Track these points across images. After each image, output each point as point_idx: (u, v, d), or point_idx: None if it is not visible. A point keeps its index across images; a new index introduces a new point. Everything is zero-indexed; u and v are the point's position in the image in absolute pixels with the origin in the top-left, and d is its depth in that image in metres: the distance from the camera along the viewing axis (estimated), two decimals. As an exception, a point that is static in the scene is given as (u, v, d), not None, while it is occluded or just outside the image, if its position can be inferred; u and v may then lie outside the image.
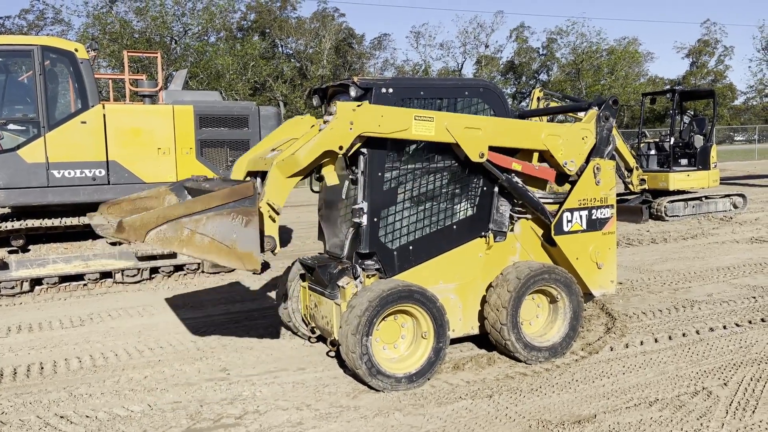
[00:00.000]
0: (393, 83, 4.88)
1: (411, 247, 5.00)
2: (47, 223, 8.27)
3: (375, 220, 4.84)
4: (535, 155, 5.40)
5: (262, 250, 4.31)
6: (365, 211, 4.81)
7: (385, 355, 4.75)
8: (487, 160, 5.04)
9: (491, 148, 5.05)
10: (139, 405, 4.56)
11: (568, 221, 5.38)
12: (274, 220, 4.53)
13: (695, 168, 13.79)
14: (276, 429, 4.10)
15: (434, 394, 4.60)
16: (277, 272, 9.32)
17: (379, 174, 4.83)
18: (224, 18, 55.80)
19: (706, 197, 13.92)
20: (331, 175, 4.77)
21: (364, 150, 4.80)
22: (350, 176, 5.00)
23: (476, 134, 4.96)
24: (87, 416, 4.40)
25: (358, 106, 4.57)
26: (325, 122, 4.72)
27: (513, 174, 5.22)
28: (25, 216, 8.60)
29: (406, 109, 4.75)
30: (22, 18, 52.74)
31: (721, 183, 15.02)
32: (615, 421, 4.09)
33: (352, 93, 4.81)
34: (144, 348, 5.92)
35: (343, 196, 5.15)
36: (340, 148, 4.56)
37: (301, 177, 4.69)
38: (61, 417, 4.39)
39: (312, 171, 4.95)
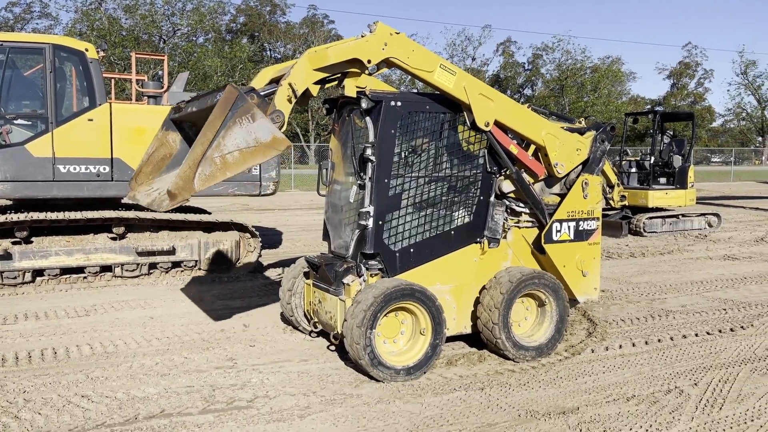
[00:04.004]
0: (401, 97, 5.28)
1: (412, 250, 5.37)
2: (51, 216, 8.49)
3: (380, 223, 5.21)
4: (531, 150, 5.85)
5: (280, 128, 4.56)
6: (371, 214, 5.18)
7: (386, 348, 5.11)
8: (490, 132, 5.46)
9: (497, 125, 5.47)
10: (155, 388, 4.87)
11: (557, 231, 5.81)
12: (290, 101, 4.76)
13: (673, 187, 14.35)
14: (286, 412, 4.44)
15: (430, 385, 4.97)
16: (270, 273, 9.64)
17: (386, 180, 5.21)
18: (214, 19, 55.99)
19: (683, 215, 14.50)
20: (350, 86, 5.17)
21: (372, 157, 5.18)
22: (358, 182, 5.36)
23: (488, 103, 5.39)
24: (106, 396, 4.70)
25: (397, 33, 5.00)
26: (362, 36, 5.04)
27: (520, 169, 5.66)
28: (29, 209, 8.82)
29: (435, 54, 5.21)
30: (9, 11, 52.46)
31: (697, 202, 15.59)
32: (596, 413, 4.49)
33: (364, 105, 5.19)
34: (151, 338, 6.22)
35: (351, 200, 5.51)
36: (369, 62, 4.96)
37: (324, 76, 4.94)
38: (83, 396, 4.69)
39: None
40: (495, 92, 5.49)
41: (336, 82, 5.35)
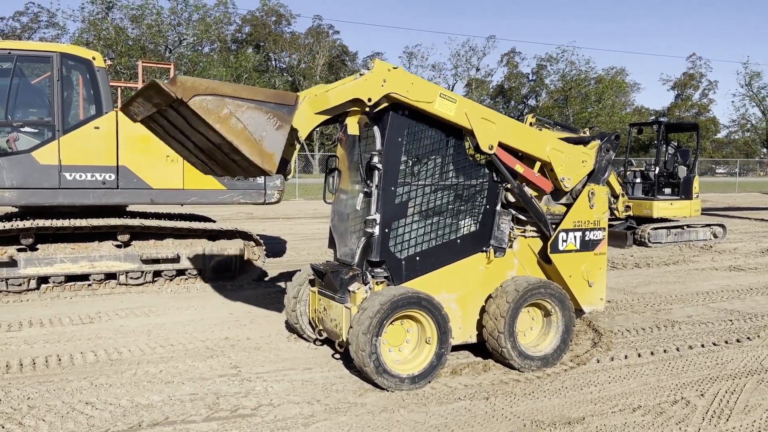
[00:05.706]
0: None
1: (418, 258, 5.36)
2: (57, 223, 8.52)
3: (386, 231, 5.21)
4: (537, 165, 5.84)
5: (280, 167, 4.55)
6: (378, 222, 5.18)
7: (391, 356, 5.09)
8: (495, 155, 5.46)
9: (500, 146, 5.48)
10: (159, 395, 4.86)
11: (564, 241, 5.80)
12: (293, 146, 4.83)
13: (678, 197, 14.33)
14: (290, 420, 4.42)
15: (435, 394, 4.95)
16: (274, 281, 9.64)
17: (392, 188, 5.22)
18: (219, 29, 56.32)
19: (688, 226, 14.46)
20: (353, 124, 5.19)
21: (379, 165, 5.18)
22: (365, 189, 5.37)
23: (490, 127, 5.40)
24: (110, 403, 4.69)
25: (395, 68, 5.00)
26: (360, 74, 5.06)
27: (522, 183, 5.64)
28: (35, 216, 8.85)
29: (434, 84, 5.21)
30: (16, 20, 52.86)
31: (702, 213, 15.58)
32: (602, 423, 4.46)
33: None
34: (155, 345, 6.21)
35: (357, 208, 5.51)
36: (369, 100, 4.96)
37: (327, 118, 4.98)
38: (87, 403, 4.68)
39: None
40: (496, 114, 5.50)
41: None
